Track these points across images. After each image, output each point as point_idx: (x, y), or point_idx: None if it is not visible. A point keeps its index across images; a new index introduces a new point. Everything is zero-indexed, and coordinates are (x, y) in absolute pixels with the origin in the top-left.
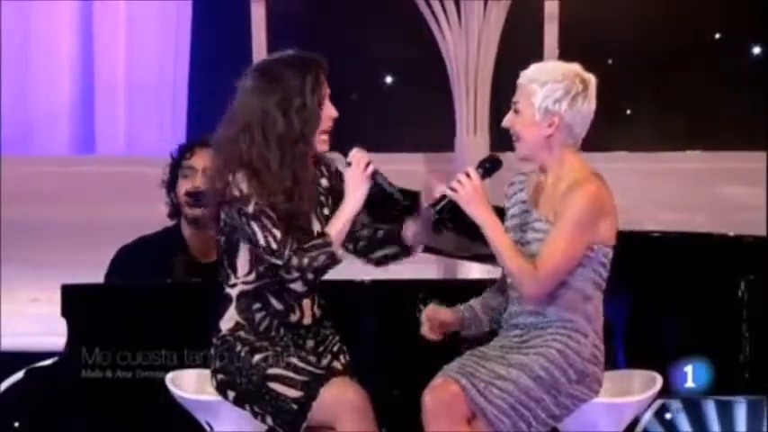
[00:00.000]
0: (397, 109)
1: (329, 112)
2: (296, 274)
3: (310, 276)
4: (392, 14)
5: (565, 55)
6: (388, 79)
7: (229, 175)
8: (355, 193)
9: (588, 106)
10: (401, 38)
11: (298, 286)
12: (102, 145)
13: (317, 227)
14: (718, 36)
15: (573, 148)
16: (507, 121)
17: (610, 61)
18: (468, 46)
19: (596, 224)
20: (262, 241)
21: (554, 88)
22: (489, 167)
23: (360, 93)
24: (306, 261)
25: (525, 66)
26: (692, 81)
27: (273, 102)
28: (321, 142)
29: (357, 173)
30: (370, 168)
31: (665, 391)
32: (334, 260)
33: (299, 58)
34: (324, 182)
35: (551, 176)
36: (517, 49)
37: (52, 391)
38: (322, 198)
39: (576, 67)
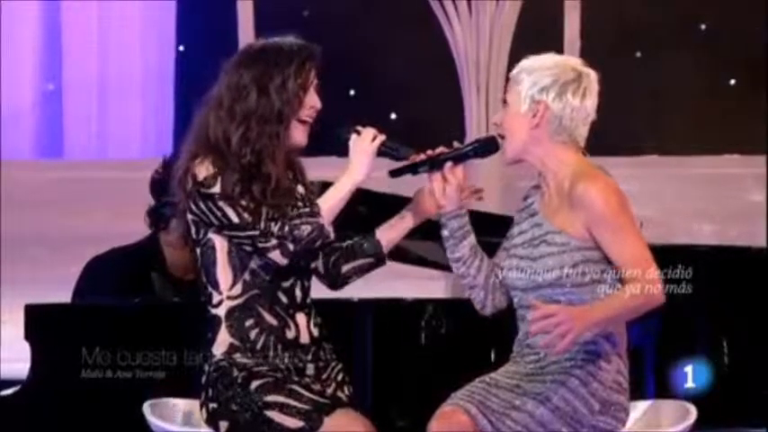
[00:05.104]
0: (399, 109)
1: (312, 100)
2: (274, 241)
3: (290, 246)
4: (393, 7)
5: (588, 48)
6: (390, 77)
7: (190, 159)
8: (359, 165)
9: (581, 101)
10: (404, 32)
11: (276, 256)
12: (70, 148)
13: None
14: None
15: (569, 146)
16: (497, 116)
17: (638, 54)
18: (479, 41)
19: (629, 207)
20: (234, 218)
21: (542, 75)
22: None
23: (358, 91)
24: (287, 228)
25: None
26: (729, 78)
27: (251, 76)
28: (300, 131)
29: (364, 143)
30: (377, 141)
31: (700, 424)
32: (321, 233)
33: (289, 41)
34: (300, 189)
35: (552, 181)
36: (534, 43)
37: (15, 423)
38: (300, 204)
39: (572, 60)
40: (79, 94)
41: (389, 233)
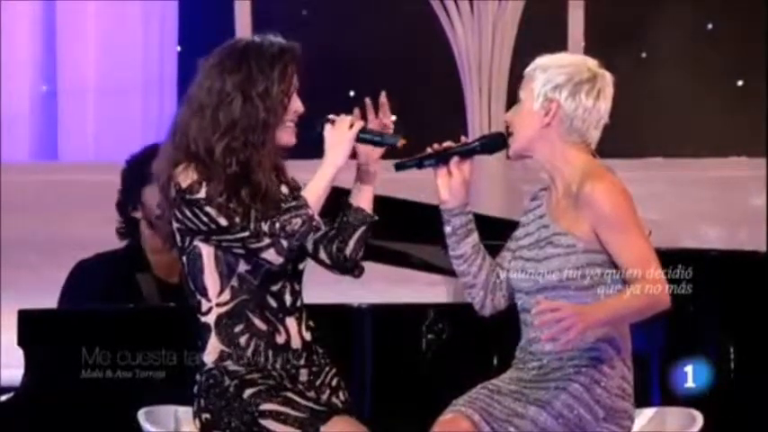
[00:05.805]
0: (399, 111)
1: (295, 105)
2: (267, 240)
3: (284, 243)
4: (393, 7)
5: (592, 47)
6: (390, 77)
7: (172, 167)
8: (336, 152)
9: (595, 102)
10: (404, 32)
11: (270, 255)
12: (65, 151)
13: None
14: None
15: (579, 147)
16: (509, 113)
17: (644, 55)
18: (480, 41)
19: (635, 208)
20: (223, 221)
21: (556, 73)
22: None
23: (358, 91)
24: (277, 225)
25: None
26: (736, 79)
27: (234, 82)
28: (287, 133)
29: (340, 129)
30: (356, 128)
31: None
32: (311, 224)
33: (270, 41)
34: (284, 189)
35: (560, 182)
36: (537, 42)
37: (7, 429)
38: (284, 206)
39: (588, 60)
40: (75, 95)
41: (363, 195)
